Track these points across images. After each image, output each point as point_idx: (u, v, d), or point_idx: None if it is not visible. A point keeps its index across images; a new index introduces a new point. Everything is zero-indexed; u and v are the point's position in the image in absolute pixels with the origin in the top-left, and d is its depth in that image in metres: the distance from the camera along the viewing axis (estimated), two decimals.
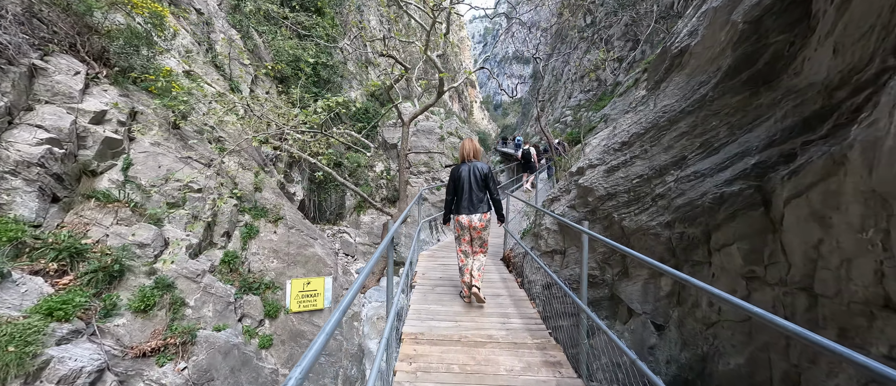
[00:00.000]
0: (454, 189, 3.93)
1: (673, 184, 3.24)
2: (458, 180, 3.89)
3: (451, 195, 3.96)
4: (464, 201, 3.86)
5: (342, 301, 1.35)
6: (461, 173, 3.89)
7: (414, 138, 16.64)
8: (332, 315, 1.22)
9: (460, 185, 3.88)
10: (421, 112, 11.71)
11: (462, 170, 3.90)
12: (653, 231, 3.33)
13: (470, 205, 3.84)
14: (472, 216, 3.85)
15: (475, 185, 3.83)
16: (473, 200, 3.83)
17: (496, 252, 6.53)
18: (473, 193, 3.83)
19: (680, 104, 3.47)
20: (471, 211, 3.85)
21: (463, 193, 3.87)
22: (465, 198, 3.85)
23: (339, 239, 14.75)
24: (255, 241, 6.58)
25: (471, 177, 3.84)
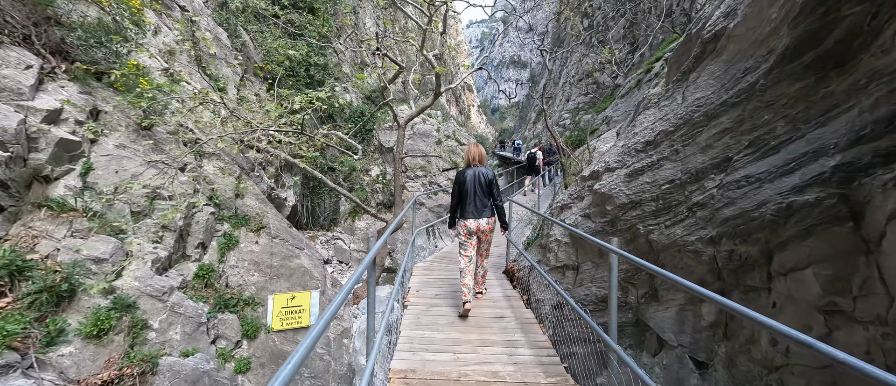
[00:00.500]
0: (459, 193, 3.93)
1: (716, 191, 2.65)
2: (462, 185, 3.90)
3: (456, 199, 3.97)
4: (469, 206, 3.86)
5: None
6: (466, 178, 3.89)
7: (410, 142, 16.05)
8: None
9: (465, 189, 3.88)
10: (417, 114, 11.12)
11: (467, 174, 3.91)
12: (691, 247, 2.73)
13: (476, 209, 3.86)
14: (480, 220, 3.86)
15: (480, 190, 3.84)
16: (478, 205, 3.85)
17: (498, 264, 5.92)
18: (478, 198, 3.84)
19: (719, 96, 2.89)
20: (477, 215, 3.86)
21: (468, 197, 3.86)
22: (469, 202, 3.86)
23: (333, 245, 14.10)
24: (235, 252, 5.94)
25: (476, 182, 3.85)
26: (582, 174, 4.45)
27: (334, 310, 1.32)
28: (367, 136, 17.25)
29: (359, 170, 16.08)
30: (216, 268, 5.70)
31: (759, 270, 2.36)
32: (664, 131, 3.26)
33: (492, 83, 76.26)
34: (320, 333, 1.15)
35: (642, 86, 12.15)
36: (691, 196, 2.85)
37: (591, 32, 30.12)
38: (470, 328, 3.62)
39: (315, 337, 1.08)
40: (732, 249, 2.48)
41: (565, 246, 4.08)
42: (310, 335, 1.06)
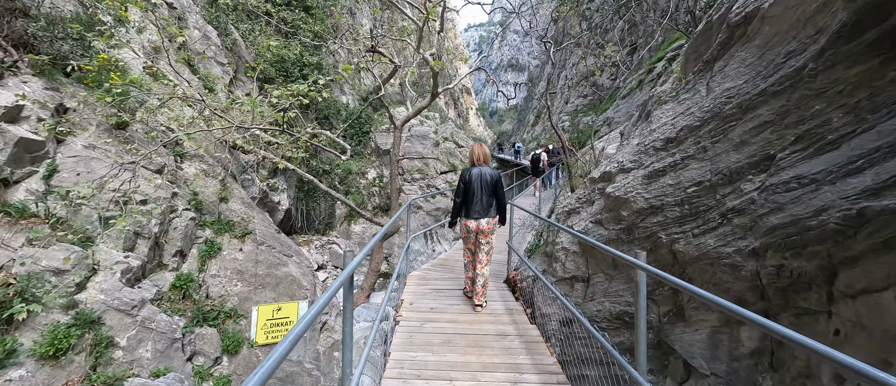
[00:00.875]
0: (464, 193, 3.85)
1: (757, 194, 2.24)
2: (468, 184, 3.84)
3: (460, 198, 3.88)
4: (474, 205, 3.80)
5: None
6: (471, 178, 3.84)
7: (407, 144, 15.65)
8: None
9: (470, 189, 3.81)
10: (414, 115, 10.70)
11: (472, 174, 3.85)
12: (727, 261, 2.32)
13: (480, 209, 3.79)
14: (481, 221, 3.80)
15: (485, 189, 3.79)
16: (483, 205, 3.78)
17: (499, 272, 5.49)
18: (483, 198, 3.78)
19: (754, 85, 2.49)
20: (479, 215, 3.80)
21: (473, 197, 3.80)
22: (475, 202, 3.79)
23: (328, 250, 13.64)
24: (216, 260, 5.50)
25: (481, 182, 3.79)
26: (591, 176, 4.04)
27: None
28: (364, 138, 16.85)
29: (355, 173, 15.65)
30: (196, 277, 5.25)
31: (818, 290, 1.95)
32: (688, 127, 2.86)
33: (490, 86, 76.09)
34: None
35: (644, 86, 11.79)
36: (725, 200, 2.44)
37: (590, 35, 29.86)
38: (469, 349, 3.19)
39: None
40: (781, 264, 2.07)
41: (574, 255, 3.65)
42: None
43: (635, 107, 11.27)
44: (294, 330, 1.05)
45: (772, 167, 2.24)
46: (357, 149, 16.62)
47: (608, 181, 3.52)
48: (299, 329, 1.10)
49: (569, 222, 3.97)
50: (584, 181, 4.23)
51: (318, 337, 6.03)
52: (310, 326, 1.32)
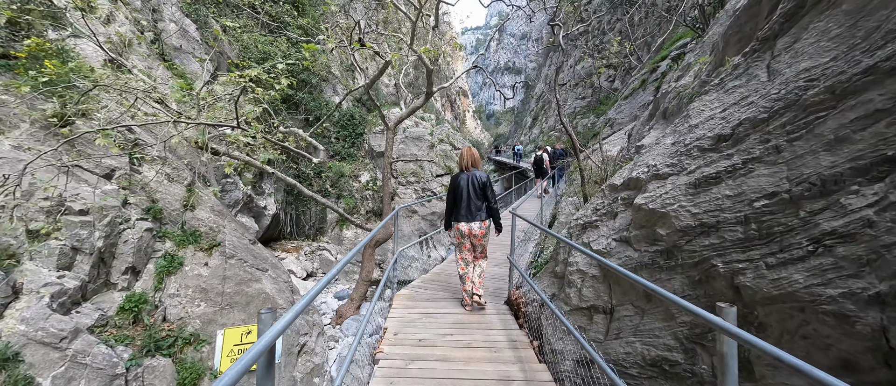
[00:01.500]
0: (453, 198, 3.88)
1: (874, 213, 1.55)
2: (456, 189, 3.85)
3: (450, 203, 3.91)
4: (462, 210, 3.81)
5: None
6: (460, 182, 3.85)
7: (402, 146, 14.94)
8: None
9: (459, 193, 3.83)
10: (407, 115, 10.00)
11: (461, 179, 3.85)
12: (829, 307, 1.63)
13: (469, 213, 3.80)
14: (472, 224, 3.81)
15: (473, 193, 3.78)
16: (472, 209, 3.79)
17: (498, 291, 4.77)
18: (472, 202, 3.78)
19: (852, 61, 1.81)
20: (470, 219, 3.81)
21: (462, 201, 3.81)
22: (463, 206, 3.81)
23: (318, 256, 12.89)
24: (177, 277, 4.74)
25: (469, 186, 3.79)
26: (610, 182, 3.33)
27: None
28: (358, 140, 16.13)
29: (348, 176, 14.92)
30: (150, 298, 4.50)
31: None
32: (750, 120, 2.16)
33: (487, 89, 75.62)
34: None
35: (647, 86, 11.14)
36: (816, 219, 1.74)
37: (586, 37, 29.33)
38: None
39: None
40: None
41: (593, 280, 2.94)
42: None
43: (639, 107, 10.64)
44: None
45: (894, 174, 1.54)
46: (350, 151, 15.90)
47: (636, 189, 2.82)
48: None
49: (584, 239, 3.26)
50: (602, 189, 3.53)
51: (296, 362, 5.28)
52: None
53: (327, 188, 14.30)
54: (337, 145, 15.73)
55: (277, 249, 12.34)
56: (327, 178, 14.48)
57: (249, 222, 10.28)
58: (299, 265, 11.62)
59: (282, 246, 12.67)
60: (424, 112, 20.43)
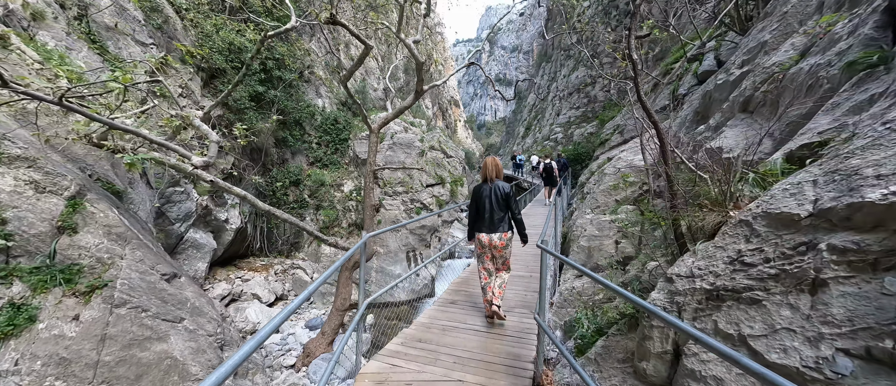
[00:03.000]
0: (476, 209, 3.74)
1: None
2: (479, 200, 3.72)
3: (473, 214, 3.78)
4: (485, 221, 3.66)
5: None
6: (482, 193, 3.71)
7: (389, 152, 13.35)
8: None
9: (482, 204, 3.69)
10: (394, 116, 8.45)
11: (483, 190, 3.72)
12: None
13: (491, 224, 3.64)
14: (493, 235, 3.64)
15: (496, 205, 3.64)
16: (494, 220, 3.63)
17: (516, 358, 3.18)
18: (494, 213, 3.63)
19: None
20: (491, 230, 3.64)
21: (484, 212, 3.66)
22: (486, 218, 3.65)
23: (290, 277, 11.11)
24: (23, 341, 3.01)
25: (492, 197, 3.65)
26: (774, 210, 1.76)
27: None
28: (342, 146, 14.49)
29: (329, 184, 13.22)
30: None
31: None
32: None
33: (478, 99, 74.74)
34: None
35: (662, 89, 9.81)
36: None
37: (581, 47, 28.42)
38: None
39: None
40: None
41: None
42: None
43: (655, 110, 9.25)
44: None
45: None
46: (333, 158, 14.23)
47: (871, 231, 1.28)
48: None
49: (719, 323, 1.68)
50: (742, 219, 1.95)
51: None
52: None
53: (304, 198, 12.58)
54: (318, 151, 14.06)
55: (243, 269, 10.53)
56: (305, 186, 12.76)
57: (205, 239, 8.50)
58: (267, 287, 9.82)
59: (249, 264, 10.85)
60: (414, 117, 18.91)
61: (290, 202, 12.18)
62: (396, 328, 10.43)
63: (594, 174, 7.59)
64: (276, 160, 12.05)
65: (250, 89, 9.33)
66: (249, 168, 10.43)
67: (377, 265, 12.08)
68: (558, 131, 23.68)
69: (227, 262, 10.39)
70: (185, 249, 8.12)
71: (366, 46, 5.92)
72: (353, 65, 6.31)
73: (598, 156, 10.03)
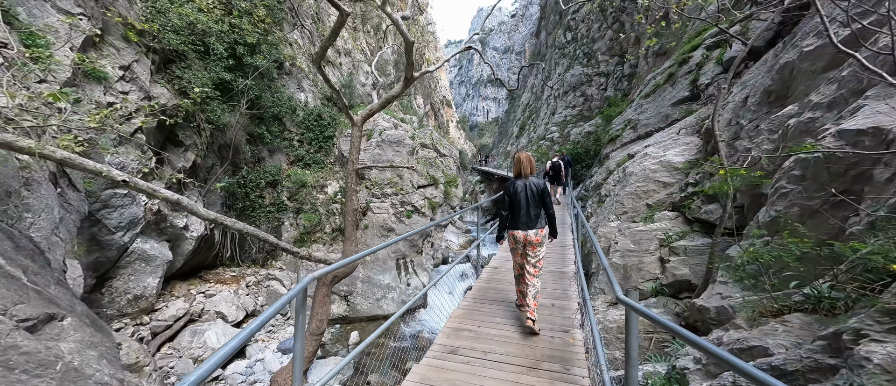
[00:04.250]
0: (510, 206, 3.59)
1: None
2: (513, 196, 3.56)
3: (506, 211, 3.62)
4: (521, 218, 3.51)
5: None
6: (516, 190, 3.56)
7: (377, 151, 12.07)
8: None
9: (517, 201, 3.55)
10: (381, 107, 7.21)
11: (517, 186, 3.56)
12: None
13: (528, 220, 3.49)
14: (529, 232, 3.47)
15: (532, 201, 3.51)
16: (531, 216, 3.49)
17: None
18: (531, 210, 3.49)
19: None
20: (528, 226, 3.49)
21: (520, 209, 3.52)
22: (522, 214, 3.50)
23: (264, 289, 9.76)
24: None
25: (527, 193, 3.52)
26: None
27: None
28: (326, 144, 13.17)
29: (311, 185, 11.90)
30: None
31: None
32: None
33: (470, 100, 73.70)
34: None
35: (678, 80, 8.81)
36: None
37: (575, 45, 27.50)
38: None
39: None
40: None
41: None
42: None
43: (670, 104, 8.22)
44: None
45: None
46: (316, 157, 12.90)
47: None
48: None
49: None
50: None
51: None
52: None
53: (283, 201, 11.23)
54: (300, 149, 12.72)
55: (209, 281, 9.15)
56: (284, 188, 11.41)
57: (158, 249, 7.13)
58: (236, 303, 8.46)
59: (217, 276, 9.47)
60: (403, 111, 17.67)
61: (266, 205, 10.82)
62: (383, 347, 9.20)
63: (613, 173, 6.46)
64: (249, 159, 10.68)
65: (214, 76, 7.97)
66: (216, 167, 9.06)
67: (364, 274, 10.80)
68: (554, 130, 22.69)
69: (191, 274, 9.00)
70: (131, 262, 6.75)
71: (342, 12, 4.67)
72: (326, 38, 5.06)
73: (608, 154, 8.93)
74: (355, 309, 10.33)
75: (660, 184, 4.99)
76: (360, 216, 11.48)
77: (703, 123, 5.51)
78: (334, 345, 8.76)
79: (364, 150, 12.31)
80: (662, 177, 5.02)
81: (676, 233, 3.98)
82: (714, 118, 4.10)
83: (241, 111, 8.19)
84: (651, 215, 4.60)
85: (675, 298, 3.48)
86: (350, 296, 10.43)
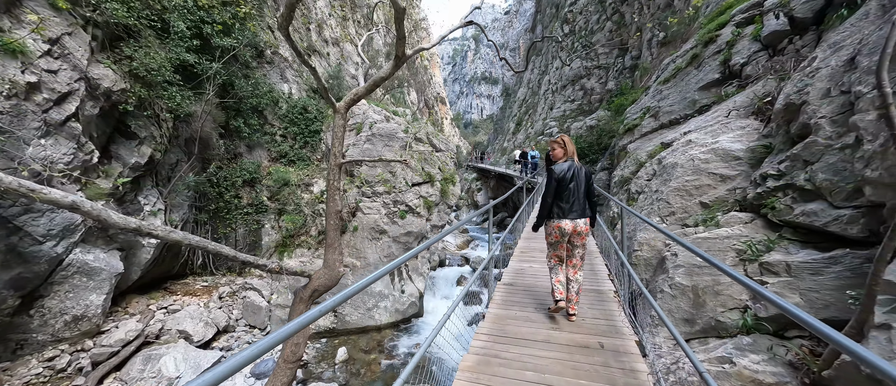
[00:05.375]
0: (557, 192, 3.14)
1: None
2: (563, 181, 3.11)
3: (552, 198, 3.15)
4: (573, 206, 3.10)
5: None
6: (566, 174, 3.11)
7: (368, 145, 10.90)
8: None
9: (566, 187, 3.10)
10: (367, 91, 6.09)
11: (566, 170, 3.12)
12: None
13: (579, 209, 3.11)
14: (578, 221, 3.12)
15: (580, 187, 3.13)
16: (582, 204, 3.13)
17: None
18: (579, 197, 3.12)
19: None
20: (577, 215, 3.11)
21: (571, 195, 3.11)
22: (573, 201, 3.11)
23: (240, 301, 8.58)
24: None
25: (576, 179, 3.12)
26: None
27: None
28: (312, 139, 11.96)
29: (295, 184, 10.71)
30: None
31: None
32: None
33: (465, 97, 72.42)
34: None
35: (705, 62, 7.84)
36: None
37: (573, 37, 26.50)
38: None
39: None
40: None
41: None
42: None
43: (697, 88, 7.25)
44: None
45: None
46: (301, 153, 11.71)
47: None
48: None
49: None
50: None
51: None
52: None
53: (263, 201, 10.03)
54: (283, 145, 11.52)
55: (176, 294, 7.95)
56: (264, 187, 10.21)
57: (104, 260, 5.93)
58: (205, 319, 7.28)
59: (185, 287, 8.27)
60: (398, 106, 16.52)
61: (244, 206, 9.62)
62: (375, 363, 8.09)
63: (644, 166, 5.40)
64: (223, 154, 9.46)
65: (174, 57, 6.75)
66: (182, 163, 7.83)
67: (353, 282, 9.67)
68: (553, 125, 21.68)
69: (153, 286, 7.79)
70: (68, 277, 5.54)
71: None
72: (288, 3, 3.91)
73: (626, 146, 7.89)
74: (343, 320, 9.19)
75: (716, 177, 3.94)
76: (349, 217, 10.33)
77: (761, 102, 4.46)
78: (319, 364, 7.62)
79: (353, 145, 11.14)
80: (719, 168, 3.96)
81: (761, 242, 2.90)
82: (785, 94, 3.04)
83: (207, 99, 7.00)
84: (712, 217, 3.54)
85: (780, 338, 2.41)
86: (337, 309, 9.29)
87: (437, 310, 10.74)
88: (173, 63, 6.85)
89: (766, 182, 3.26)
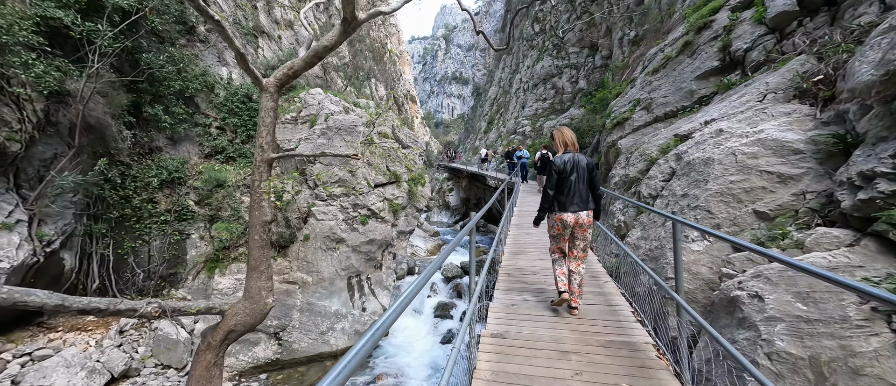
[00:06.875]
0: (558, 185, 3.05)
1: None
2: (563, 173, 3.03)
3: (553, 190, 3.06)
4: (574, 198, 3.02)
5: None
6: (566, 166, 3.02)
7: (322, 140, 9.24)
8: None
9: (568, 179, 3.01)
10: (306, 65, 4.61)
11: (567, 162, 3.03)
12: None
13: (581, 201, 3.02)
14: (581, 213, 3.03)
15: (582, 179, 3.03)
16: (584, 196, 3.03)
17: None
18: (581, 189, 3.03)
19: None
20: (579, 207, 3.03)
21: (572, 187, 3.01)
22: (575, 194, 3.02)
23: (150, 334, 6.68)
24: None
25: (578, 170, 3.02)
26: None
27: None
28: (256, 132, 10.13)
29: (232, 185, 8.85)
30: None
31: None
32: None
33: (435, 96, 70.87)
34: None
35: (700, 49, 7.03)
36: None
37: (544, 37, 25.94)
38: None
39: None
40: None
41: None
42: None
43: (694, 76, 6.40)
44: None
45: None
46: (242, 148, 9.81)
47: None
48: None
49: None
50: None
51: None
52: None
53: (188, 205, 8.10)
54: (221, 140, 9.59)
55: (57, 329, 5.94)
56: (191, 188, 8.28)
57: None
58: (89, 365, 5.40)
59: (72, 321, 6.26)
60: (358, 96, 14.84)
61: (160, 213, 7.65)
62: None
63: (656, 163, 4.29)
64: (131, 148, 7.45)
65: (36, 14, 4.85)
66: (61, 157, 5.82)
67: (302, 301, 8.03)
68: (526, 124, 20.86)
69: (21, 321, 5.77)
70: None
71: None
72: None
73: (616, 141, 6.89)
74: (290, 349, 7.55)
75: (772, 177, 2.87)
76: (300, 224, 8.64)
77: (809, 82, 3.45)
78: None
79: (305, 140, 9.45)
80: (774, 165, 2.89)
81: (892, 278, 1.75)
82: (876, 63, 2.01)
83: (90, 72, 5.14)
84: (783, 233, 2.41)
85: None
86: (282, 332, 7.60)
87: (407, 328, 9.32)
88: (36, 23, 4.93)
89: (875, 184, 2.16)
